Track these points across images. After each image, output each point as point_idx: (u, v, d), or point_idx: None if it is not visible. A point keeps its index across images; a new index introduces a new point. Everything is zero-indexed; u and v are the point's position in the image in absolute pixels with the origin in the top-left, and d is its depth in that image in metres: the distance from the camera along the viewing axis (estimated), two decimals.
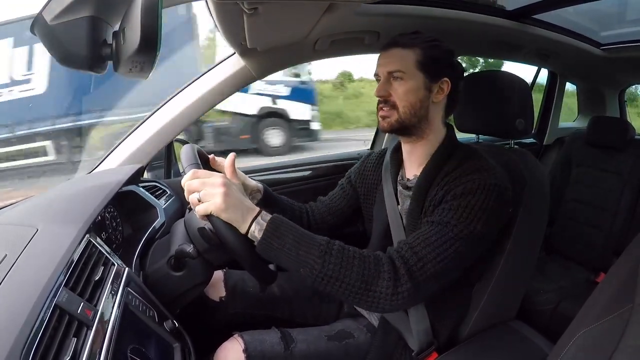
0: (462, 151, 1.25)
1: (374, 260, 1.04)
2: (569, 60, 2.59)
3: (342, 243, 1.06)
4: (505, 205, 1.16)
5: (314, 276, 1.00)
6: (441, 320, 1.28)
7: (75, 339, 0.75)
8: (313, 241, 1.02)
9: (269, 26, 1.39)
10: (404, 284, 1.02)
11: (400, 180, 1.35)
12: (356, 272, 1.01)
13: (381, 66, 1.26)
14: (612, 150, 2.48)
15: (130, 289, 1.02)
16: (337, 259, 1.01)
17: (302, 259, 1.00)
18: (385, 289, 1.01)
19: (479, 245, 1.12)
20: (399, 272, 1.03)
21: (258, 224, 1.00)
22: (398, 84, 1.22)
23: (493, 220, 1.11)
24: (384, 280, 1.02)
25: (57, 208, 1.15)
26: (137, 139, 1.69)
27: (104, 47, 0.81)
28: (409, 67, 1.21)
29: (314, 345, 1.26)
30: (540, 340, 1.36)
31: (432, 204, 1.18)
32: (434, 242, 1.06)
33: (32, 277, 0.82)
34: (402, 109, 1.22)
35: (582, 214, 2.55)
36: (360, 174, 1.52)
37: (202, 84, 1.70)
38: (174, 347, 1.06)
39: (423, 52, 1.21)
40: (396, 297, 1.02)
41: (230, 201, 0.98)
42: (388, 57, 1.24)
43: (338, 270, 1.00)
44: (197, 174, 1.02)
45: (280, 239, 1.00)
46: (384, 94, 1.23)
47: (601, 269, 2.35)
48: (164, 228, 1.48)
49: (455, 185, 1.13)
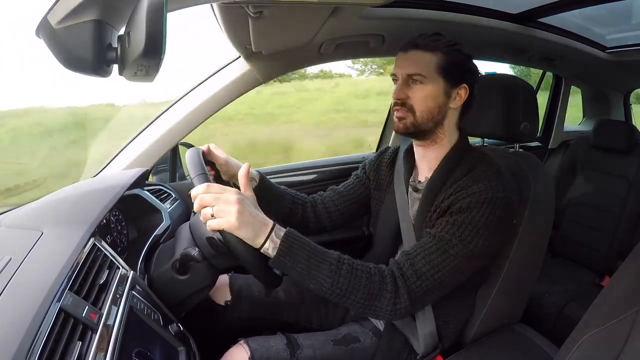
0: (474, 156, 1.24)
1: (379, 278, 1.07)
2: (574, 63, 2.59)
3: (351, 259, 1.07)
4: (510, 217, 1.18)
5: (322, 292, 1.04)
6: (446, 323, 1.28)
7: (80, 343, 0.76)
8: (324, 259, 1.03)
9: (274, 30, 1.39)
10: (403, 301, 1.07)
11: (411, 181, 1.35)
12: (362, 290, 1.04)
13: (400, 67, 1.22)
14: (618, 154, 2.48)
15: (135, 293, 1.03)
16: (346, 279, 1.03)
17: (314, 277, 1.02)
18: (386, 306, 1.06)
19: (479, 260, 1.13)
20: (399, 291, 1.07)
21: (272, 241, 0.99)
22: (417, 87, 1.20)
23: (497, 235, 1.12)
24: (385, 298, 1.06)
25: (62, 211, 1.15)
26: (142, 142, 1.69)
27: (109, 51, 0.81)
28: (430, 71, 1.18)
29: (320, 351, 1.26)
30: (545, 344, 1.35)
31: (437, 210, 1.18)
32: (434, 259, 1.08)
33: (37, 280, 0.82)
34: (419, 114, 1.20)
35: (587, 217, 2.54)
36: (375, 168, 1.51)
37: (207, 88, 1.71)
38: (179, 351, 1.06)
39: (445, 56, 1.18)
40: (394, 312, 1.07)
41: (244, 219, 0.96)
42: (408, 59, 1.21)
43: (345, 288, 1.03)
44: (210, 188, 0.99)
45: (293, 257, 1.00)
46: (403, 96, 1.21)
47: (606, 272, 2.35)
48: (169, 232, 1.48)
49: (462, 196, 1.12)
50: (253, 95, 7.77)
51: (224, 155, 1.29)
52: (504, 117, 1.38)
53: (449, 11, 1.66)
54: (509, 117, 1.37)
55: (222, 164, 1.29)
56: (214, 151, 1.28)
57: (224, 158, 1.29)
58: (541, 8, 1.81)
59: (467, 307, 1.33)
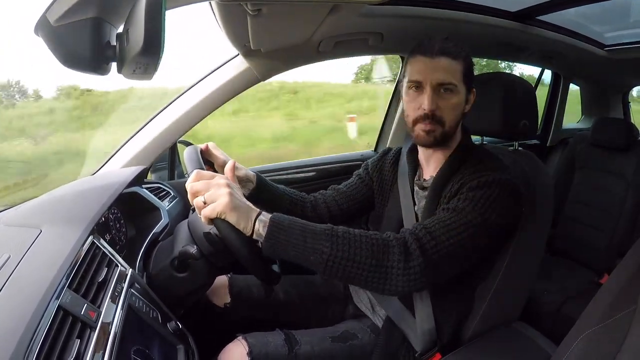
0: (479, 153, 1.25)
1: (381, 238, 1.03)
2: (573, 61, 2.59)
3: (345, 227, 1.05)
4: (519, 203, 1.15)
5: (324, 261, 0.98)
6: (445, 321, 1.28)
7: (78, 341, 0.76)
8: (317, 228, 1.01)
9: (272, 27, 1.39)
10: (416, 258, 1.00)
11: (417, 180, 1.35)
12: (365, 249, 0.99)
13: (430, 75, 1.16)
14: (616, 152, 2.48)
15: (133, 291, 1.03)
16: (345, 239, 0.99)
17: (310, 246, 0.98)
18: (397, 263, 1.00)
19: (492, 235, 1.10)
20: (410, 247, 1.02)
21: (261, 221, 0.98)
22: (448, 97, 1.17)
23: (507, 213, 1.11)
24: (394, 254, 1.00)
25: (61, 209, 1.15)
26: (140, 140, 1.69)
27: (108, 48, 0.81)
28: (459, 80, 1.17)
29: (318, 347, 1.26)
30: (543, 342, 1.35)
31: (447, 196, 1.17)
32: (449, 225, 1.05)
33: (36, 278, 0.82)
34: (448, 124, 1.18)
35: (585, 216, 2.55)
36: (377, 168, 1.50)
37: (206, 86, 1.71)
38: (178, 349, 1.06)
39: (465, 63, 1.18)
40: (408, 272, 1.00)
41: (235, 201, 0.96)
42: (438, 67, 1.16)
43: (347, 250, 0.98)
44: (200, 175, 1.00)
45: (285, 231, 0.98)
46: (434, 107, 1.16)
47: (605, 270, 2.35)
48: (168, 229, 1.48)
49: (470, 179, 1.13)
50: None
51: (223, 155, 1.29)
52: (503, 115, 1.38)
53: (447, 9, 1.66)
54: (508, 115, 1.37)
55: (220, 164, 1.28)
56: (213, 150, 1.28)
57: (223, 158, 1.29)
58: (540, 6, 1.81)
59: (465, 305, 1.33)
